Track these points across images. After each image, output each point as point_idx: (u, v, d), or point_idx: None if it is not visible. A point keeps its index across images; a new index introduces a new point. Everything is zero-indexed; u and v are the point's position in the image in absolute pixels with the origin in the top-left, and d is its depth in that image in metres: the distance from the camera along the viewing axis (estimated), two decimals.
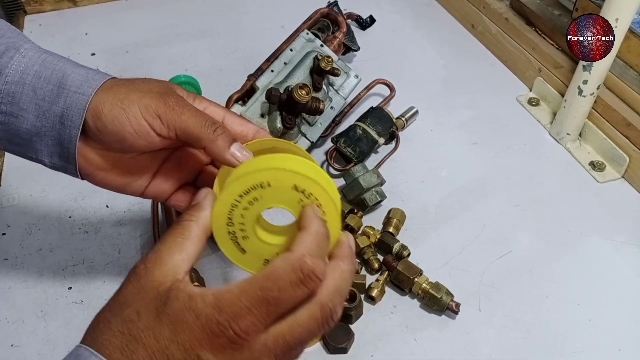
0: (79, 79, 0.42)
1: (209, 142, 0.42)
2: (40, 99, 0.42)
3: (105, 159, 0.45)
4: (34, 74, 0.42)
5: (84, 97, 0.42)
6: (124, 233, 0.67)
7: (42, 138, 0.43)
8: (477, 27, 1.00)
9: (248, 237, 0.39)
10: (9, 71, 0.42)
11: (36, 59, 0.43)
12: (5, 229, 0.67)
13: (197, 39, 0.99)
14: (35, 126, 0.43)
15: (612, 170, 0.75)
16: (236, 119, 0.46)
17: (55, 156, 0.44)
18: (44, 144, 0.44)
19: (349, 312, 0.57)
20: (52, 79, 0.42)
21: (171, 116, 0.41)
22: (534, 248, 0.66)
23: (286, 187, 0.38)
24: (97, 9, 1.07)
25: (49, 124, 0.43)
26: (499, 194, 0.72)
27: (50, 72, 0.42)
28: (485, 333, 0.57)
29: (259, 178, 0.37)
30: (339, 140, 0.73)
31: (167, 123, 0.42)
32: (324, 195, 0.38)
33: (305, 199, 0.38)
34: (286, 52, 0.74)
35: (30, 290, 0.61)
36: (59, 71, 0.43)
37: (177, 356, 0.32)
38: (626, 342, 0.57)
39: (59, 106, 0.42)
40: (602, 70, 0.71)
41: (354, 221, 0.66)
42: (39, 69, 0.42)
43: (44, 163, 0.45)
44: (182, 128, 0.42)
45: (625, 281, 0.63)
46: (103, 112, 0.41)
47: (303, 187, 0.38)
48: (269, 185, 0.37)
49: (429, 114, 0.83)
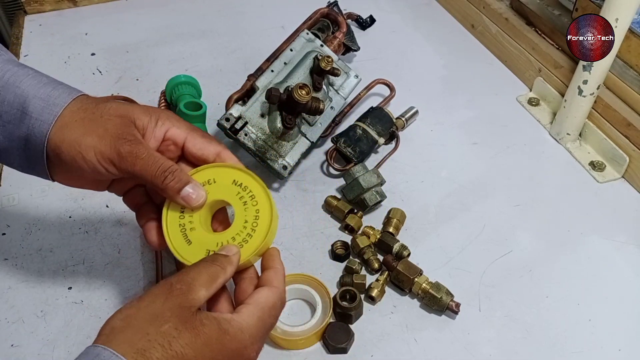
0: (40, 105, 0.44)
1: (160, 190, 0.46)
2: (6, 121, 0.44)
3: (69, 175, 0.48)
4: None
5: (45, 125, 0.44)
6: (124, 233, 0.67)
7: (11, 155, 0.46)
8: (477, 27, 1.00)
9: (195, 229, 0.47)
10: None
11: (3, 82, 0.44)
12: (5, 229, 0.67)
13: (197, 39, 0.99)
14: (4, 145, 0.46)
15: (612, 170, 0.75)
16: (197, 141, 0.48)
17: (26, 168, 0.48)
18: (13, 159, 0.47)
19: (349, 312, 0.57)
20: (14, 103, 0.44)
21: (124, 166, 0.44)
22: (534, 248, 0.66)
23: (227, 182, 0.47)
24: (97, 9, 1.07)
25: (16, 145, 0.45)
26: (498, 193, 0.72)
27: (12, 97, 0.44)
28: (485, 333, 0.57)
29: (205, 176, 0.47)
30: (339, 140, 0.73)
31: (121, 170, 0.45)
32: (259, 188, 0.47)
33: (242, 192, 0.47)
34: (286, 52, 0.74)
35: (30, 290, 0.61)
36: (21, 96, 0.44)
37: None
38: (626, 342, 0.57)
39: (22, 130, 0.44)
40: (602, 70, 0.71)
41: (354, 221, 0.66)
42: (3, 93, 0.44)
43: (17, 169, 0.48)
44: (135, 176, 0.45)
45: (625, 281, 0.63)
46: (62, 151, 0.44)
47: (240, 181, 0.47)
48: (214, 182, 0.47)
49: (429, 114, 0.83)
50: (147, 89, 0.87)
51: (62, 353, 0.55)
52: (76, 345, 0.56)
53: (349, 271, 0.62)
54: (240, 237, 0.46)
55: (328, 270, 0.63)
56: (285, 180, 0.73)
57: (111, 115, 0.44)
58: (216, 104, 0.83)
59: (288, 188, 0.73)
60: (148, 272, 0.63)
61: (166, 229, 0.47)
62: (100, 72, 0.91)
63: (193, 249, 0.46)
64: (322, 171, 0.75)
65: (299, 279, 0.59)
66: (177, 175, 0.45)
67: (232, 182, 0.47)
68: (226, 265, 0.43)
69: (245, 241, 0.46)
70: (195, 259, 0.45)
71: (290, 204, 0.70)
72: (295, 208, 0.70)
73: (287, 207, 0.70)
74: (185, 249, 0.46)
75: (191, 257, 0.45)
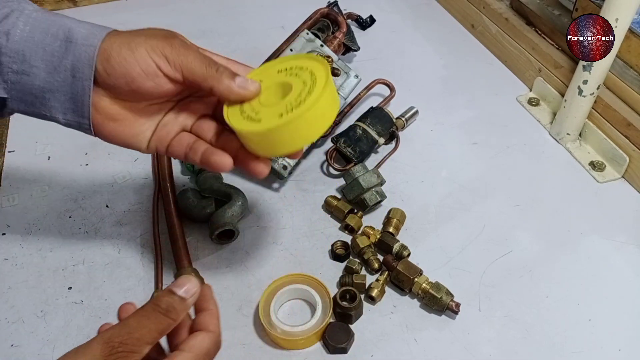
0: (84, 32, 0.43)
1: (215, 80, 0.45)
2: (49, 54, 0.43)
3: (115, 108, 0.46)
4: (41, 31, 0.43)
5: (92, 48, 0.43)
6: (124, 233, 0.67)
7: (54, 94, 0.44)
8: (477, 27, 1.00)
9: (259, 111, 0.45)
10: (17, 30, 0.42)
11: (41, 18, 0.44)
12: (5, 229, 0.67)
13: (197, 39, 0.98)
14: (48, 82, 0.44)
15: (612, 170, 0.75)
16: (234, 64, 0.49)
17: (69, 112, 0.45)
18: (57, 100, 0.44)
19: (349, 312, 0.57)
20: (59, 34, 0.43)
21: (177, 57, 0.44)
22: (534, 248, 0.66)
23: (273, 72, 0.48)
24: (97, 9, 1.07)
25: (61, 79, 0.44)
26: (498, 194, 0.72)
27: (56, 29, 0.43)
28: (485, 333, 0.57)
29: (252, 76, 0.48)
30: (339, 140, 0.73)
31: (174, 63, 0.44)
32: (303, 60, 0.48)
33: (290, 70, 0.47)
34: (286, 52, 0.74)
35: (30, 290, 0.61)
36: (65, 27, 0.43)
37: None
38: (626, 342, 0.57)
39: (68, 60, 0.43)
40: (602, 70, 0.71)
41: (354, 221, 0.66)
42: (45, 26, 0.43)
43: (58, 120, 0.46)
44: (188, 68, 0.44)
45: (625, 281, 0.63)
46: (112, 55, 0.43)
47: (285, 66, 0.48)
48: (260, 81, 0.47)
49: (429, 114, 0.83)
50: None
51: (62, 353, 0.55)
52: (76, 345, 0.56)
53: (349, 271, 0.62)
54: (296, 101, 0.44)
55: (328, 270, 0.63)
56: (285, 180, 0.73)
57: (156, 28, 0.46)
58: None
59: (288, 188, 0.73)
60: (148, 272, 0.63)
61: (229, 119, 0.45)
62: None
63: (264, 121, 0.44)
64: (322, 171, 0.75)
65: (299, 279, 0.59)
66: (228, 70, 0.45)
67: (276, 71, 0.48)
68: (180, 313, 0.40)
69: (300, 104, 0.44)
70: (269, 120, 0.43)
71: (290, 204, 0.70)
72: (295, 208, 0.70)
73: (287, 207, 0.70)
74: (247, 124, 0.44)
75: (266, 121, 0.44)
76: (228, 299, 0.60)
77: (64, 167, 0.74)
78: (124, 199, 0.70)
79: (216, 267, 0.63)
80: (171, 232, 0.65)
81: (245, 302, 0.60)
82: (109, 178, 0.72)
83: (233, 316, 0.59)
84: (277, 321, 0.55)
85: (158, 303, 0.39)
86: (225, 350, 0.55)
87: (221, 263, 0.64)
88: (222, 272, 0.63)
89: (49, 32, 0.43)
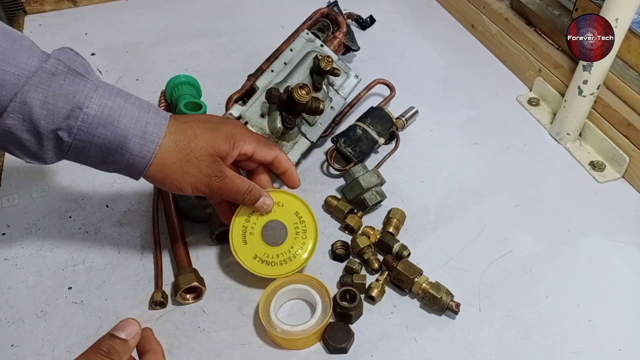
0: (138, 143, 0.49)
1: (242, 203, 0.59)
2: (105, 152, 0.49)
3: None
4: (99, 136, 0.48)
5: (144, 161, 0.50)
6: (124, 233, 0.67)
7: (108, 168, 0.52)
8: (477, 27, 1.00)
9: (253, 235, 0.60)
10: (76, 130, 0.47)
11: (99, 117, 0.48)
12: (5, 229, 0.67)
13: (197, 39, 0.99)
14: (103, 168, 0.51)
15: (612, 170, 0.75)
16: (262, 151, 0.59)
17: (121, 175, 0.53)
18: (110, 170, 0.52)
19: (349, 312, 0.57)
20: (115, 141, 0.48)
21: (215, 196, 0.58)
22: (533, 248, 0.66)
23: (291, 210, 0.61)
24: (97, 9, 1.07)
25: (114, 167, 0.51)
26: (498, 194, 0.72)
27: (113, 136, 0.48)
28: (485, 333, 0.57)
29: (277, 197, 0.61)
30: (339, 140, 0.73)
31: (212, 199, 0.60)
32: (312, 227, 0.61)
33: (299, 224, 0.61)
34: (286, 52, 0.74)
35: (30, 290, 0.61)
36: (121, 135, 0.48)
37: None
38: (626, 342, 0.57)
39: (123, 162, 0.50)
40: (602, 70, 0.71)
41: (354, 221, 0.66)
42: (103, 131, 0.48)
43: None
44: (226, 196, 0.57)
45: (625, 281, 0.63)
46: (164, 185, 0.53)
47: (301, 215, 0.61)
48: (282, 205, 0.61)
49: (429, 114, 0.83)
50: (147, 89, 0.87)
51: (62, 353, 0.55)
52: (76, 345, 0.56)
53: (349, 271, 0.62)
54: (282, 257, 0.59)
55: (328, 270, 0.63)
56: None
57: (202, 155, 0.53)
58: (216, 104, 0.83)
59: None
60: (148, 272, 0.63)
61: (232, 226, 0.59)
62: (100, 72, 0.91)
63: (245, 249, 0.59)
64: (322, 171, 0.75)
65: (299, 279, 0.59)
66: (253, 194, 0.58)
67: (294, 213, 0.61)
68: (122, 355, 0.42)
69: (284, 262, 0.59)
70: (244, 257, 0.59)
71: None
72: None
73: None
74: (241, 246, 0.59)
75: (242, 255, 0.59)
76: (228, 299, 0.60)
77: (64, 167, 0.74)
78: (124, 199, 0.70)
79: (216, 267, 0.63)
80: (171, 232, 0.65)
81: (245, 302, 0.60)
82: (109, 178, 0.72)
83: (233, 316, 0.59)
84: (277, 321, 0.55)
85: (100, 346, 0.42)
86: (225, 350, 0.56)
87: (221, 263, 0.64)
88: (222, 272, 0.63)
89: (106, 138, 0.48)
